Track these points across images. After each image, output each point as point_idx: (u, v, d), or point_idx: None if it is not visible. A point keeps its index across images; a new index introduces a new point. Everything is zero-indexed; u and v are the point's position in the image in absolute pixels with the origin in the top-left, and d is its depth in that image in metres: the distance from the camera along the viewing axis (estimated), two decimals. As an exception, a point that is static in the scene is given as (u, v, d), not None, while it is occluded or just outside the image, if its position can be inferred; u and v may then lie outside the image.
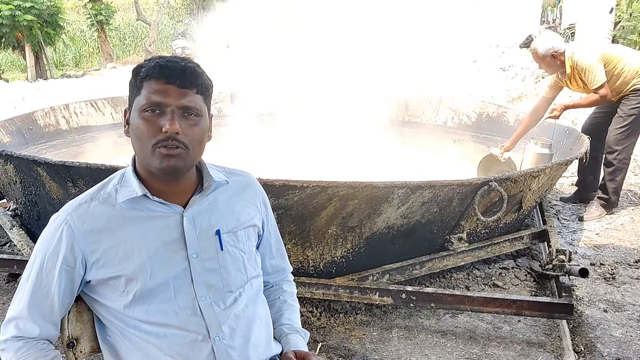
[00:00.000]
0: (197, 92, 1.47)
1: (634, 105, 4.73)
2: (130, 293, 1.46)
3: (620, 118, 4.80)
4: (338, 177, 3.02)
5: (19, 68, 19.14)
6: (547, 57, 4.70)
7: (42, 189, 3.55)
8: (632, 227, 4.75)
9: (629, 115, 4.75)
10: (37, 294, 1.46)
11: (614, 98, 4.80)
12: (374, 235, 3.31)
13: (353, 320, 3.27)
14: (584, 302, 3.48)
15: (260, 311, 1.64)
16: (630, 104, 4.75)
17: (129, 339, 1.50)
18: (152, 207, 1.50)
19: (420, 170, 4.89)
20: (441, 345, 3.05)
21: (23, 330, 1.46)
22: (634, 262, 4.04)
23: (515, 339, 3.13)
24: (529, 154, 4.80)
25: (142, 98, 1.43)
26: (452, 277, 3.74)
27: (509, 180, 3.47)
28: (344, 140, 5.48)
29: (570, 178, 6.18)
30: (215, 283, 1.53)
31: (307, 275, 3.28)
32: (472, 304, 3.12)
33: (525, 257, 4.10)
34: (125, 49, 23.99)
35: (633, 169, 6.34)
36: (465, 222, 3.57)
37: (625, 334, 3.14)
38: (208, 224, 1.54)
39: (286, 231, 3.11)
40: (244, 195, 1.65)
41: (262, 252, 1.75)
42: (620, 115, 4.81)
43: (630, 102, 4.75)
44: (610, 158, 4.87)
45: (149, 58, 1.49)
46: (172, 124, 1.41)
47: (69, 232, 1.46)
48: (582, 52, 4.66)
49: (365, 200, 3.08)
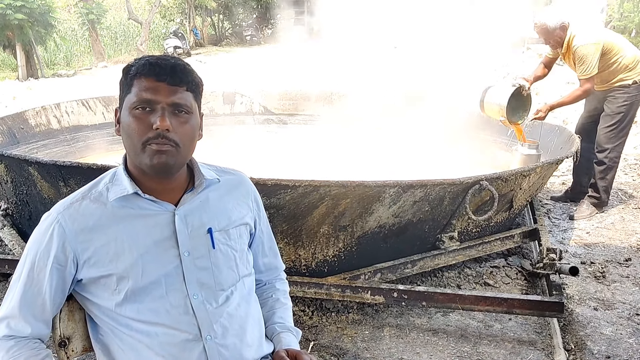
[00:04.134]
0: (187, 89, 1.47)
1: (621, 103, 4.74)
2: (121, 291, 1.46)
3: (609, 117, 4.81)
4: (331, 176, 3.02)
5: (9, 67, 19.03)
6: (557, 29, 4.66)
7: (34, 188, 3.54)
8: (622, 226, 4.78)
9: (617, 113, 4.76)
10: (29, 293, 1.46)
11: (598, 87, 4.79)
12: (366, 234, 3.32)
13: (345, 319, 3.27)
14: (574, 301, 3.50)
15: (252, 310, 1.65)
16: (618, 102, 4.75)
17: (121, 338, 1.50)
18: (143, 205, 1.50)
19: (412, 170, 4.90)
20: (432, 344, 3.07)
21: (14, 330, 1.46)
22: (624, 261, 4.06)
23: (506, 337, 3.14)
24: (517, 156, 4.79)
25: (132, 96, 1.44)
26: (443, 275, 3.75)
27: (500, 179, 3.49)
28: (336, 140, 5.50)
29: (561, 177, 6.22)
30: (207, 281, 1.53)
31: (299, 275, 3.29)
32: (464, 303, 3.13)
33: (516, 255, 4.12)
34: (117, 48, 23.93)
35: (623, 168, 6.38)
36: (457, 221, 3.58)
37: (615, 331, 3.16)
38: (200, 222, 1.54)
39: (278, 230, 3.11)
40: (236, 193, 1.65)
41: (254, 251, 1.75)
42: (608, 113, 4.81)
43: (617, 100, 4.75)
44: (601, 157, 4.88)
45: (140, 57, 1.50)
46: (162, 120, 1.41)
47: (60, 231, 1.45)
48: (583, 39, 4.59)
49: (357, 200, 3.08)
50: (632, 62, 4.68)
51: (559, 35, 4.71)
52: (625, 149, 6.24)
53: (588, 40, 4.58)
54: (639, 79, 4.68)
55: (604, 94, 4.85)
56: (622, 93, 4.73)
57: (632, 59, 4.68)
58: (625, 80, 4.70)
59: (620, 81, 4.72)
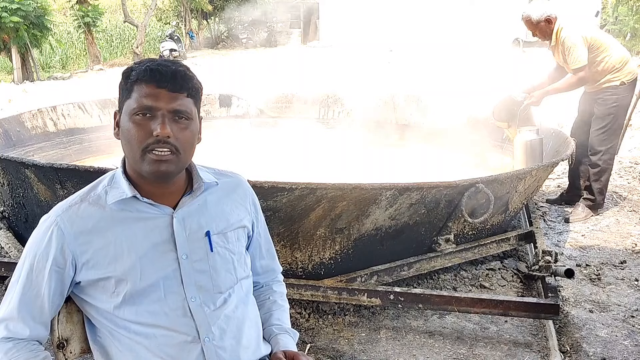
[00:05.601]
0: (188, 95, 1.48)
1: (610, 104, 4.76)
2: (120, 294, 1.47)
3: (599, 119, 4.84)
4: (327, 178, 3.03)
5: (5, 70, 19.00)
6: (541, 22, 4.70)
7: (30, 191, 3.54)
8: (617, 229, 4.80)
9: (607, 115, 4.79)
10: (27, 295, 1.47)
11: (587, 88, 4.85)
12: (362, 236, 3.33)
13: (341, 321, 3.28)
14: (569, 303, 3.52)
15: (250, 312, 1.65)
16: (607, 104, 4.78)
17: (119, 339, 1.50)
18: (141, 209, 1.51)
19: (408, 172, 4.92)
20: (429, 346, 3.08)
21: (13, 332, 1.46)
22: (619, 263, 4.08)
23: (502, 339, 3.15)
24: (519, 143, 4.74)
25: (132, 102, 1.44)
26: (439, 278, 3.76)
27: (496, 181, 3.50)
28: (332, 142, 5.51)
29: (557, 180, 6.24)
30: (205, 284, 1.53)
31: (295, 277, 3.29)
32: (460, 305, 3.14)
33: (512, 258, 4.13)
34: (113, 51, 23.94)
35: (618, 170, 6.40)
36: (453, 224, 3.59)
37: (611, 333, 3.17)
38: (198, 225, 1.55)
39: (275, 233, 3.12)
40: (234, 196, 1.66)
41: (252, 253, 1.76)
42: (598, 116, 4.84)
43: (607, 102, 4.78)
44: (595, 159, 4.90)
45: (139, 61, 1.50)
46: (163, 127, 1.42)
47: (58, 234, 1.46)
48: (570, 31, 4.63)
49: (353, 202, 3.09)
50: (619, 62, 4.70)
51: (542, 27, 4.75)
52: (620, 152, 6.26)
53: (575, 32, 4.63)
54: (627, 79, 4.72)
55: (594, 95, 4.88)
56: (610, 95, 4.77)
57: (620, 59, 4.71)
58: (613, 82, 4.73)
59: (608, 82, 4.75)
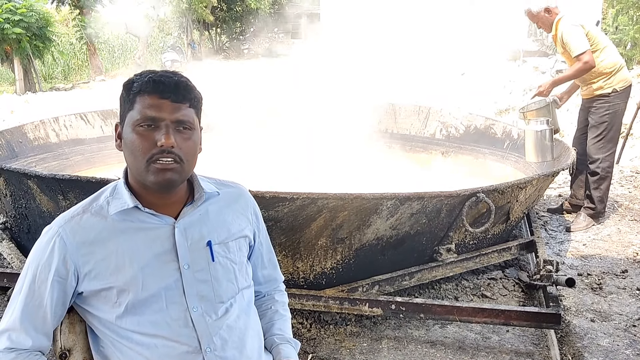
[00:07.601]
0: (190, 105, 1.49)
1: (603, 113, 4.82)
2: (122, 304, 1.47)
3: (594, 127, 4.90)
4: (328, 188, 3.04)
5: (7, 81, 19.09)
6: (541, 12, 4.80)
7: (33, 202, 3.55)
8: (618, 238, 4.80)
9: (600, 123, 4.84)
10: (30, 305, 1.47)
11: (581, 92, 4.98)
12: (364, 246, 3.33)
13: (343, 331, 3.28)
14: (571, 312, 3.51)
15: (252, 322, 1.66)
16: (600, 112, 4.84)
17: (121, 350, 1.50)
18: (143, 219, 1.52)
19: (409, 182, 4.92)
20: (430, 356, 3.07)
21: (15, 342, 1.46)
22: (620, 272, 4.08)
23: (503, 348, 3.15)
24: (529, 132, 4.74)
25: (135, 113, 1.45)
26: (441, 287, 3.76)
27: (497, 191, 3.51)
28: (333, 152, 5.51)
29: (558, 189, 6.24)
30: (207, 294, 1.54)
31: (297, 287, 3.29)
32: (461, 315, 3.14)
33: (513, 267, 4.13)
34: (115, 62, 24.03)
35: (619, 180, 6.41)
36: (454, 233, 3.60)
37: (612, 343, 3.17)
38: (199, 235, 1.56)
39: (276, 243, 3.12)
40: (235, 206, 1.67)
41: (253, 263, 1.76)
42: (593, 124, 4.91)
43: (599, 111, 4.84)
44: (594, 167, 4.92)
45: (140, 72, 1.51)
46: (167, 138, 1.43)
47: (61, 244, 1.47)
48: (569, 20, 4.71)
49: (354, 212, 3.10)
50: (612, 68, 4.75)
51: (543, 17, 4.85)
52: (621, 161, 6.27)
53: (574, 21, 4.70)
54: (619, 87, 4.76)
55: (588, 104, 4.96)
56: (603, 103, 4.83)
57: (613, 64, 4.76)
58: (605, 89, 4.78)
59: (600, 89, 4.80)
